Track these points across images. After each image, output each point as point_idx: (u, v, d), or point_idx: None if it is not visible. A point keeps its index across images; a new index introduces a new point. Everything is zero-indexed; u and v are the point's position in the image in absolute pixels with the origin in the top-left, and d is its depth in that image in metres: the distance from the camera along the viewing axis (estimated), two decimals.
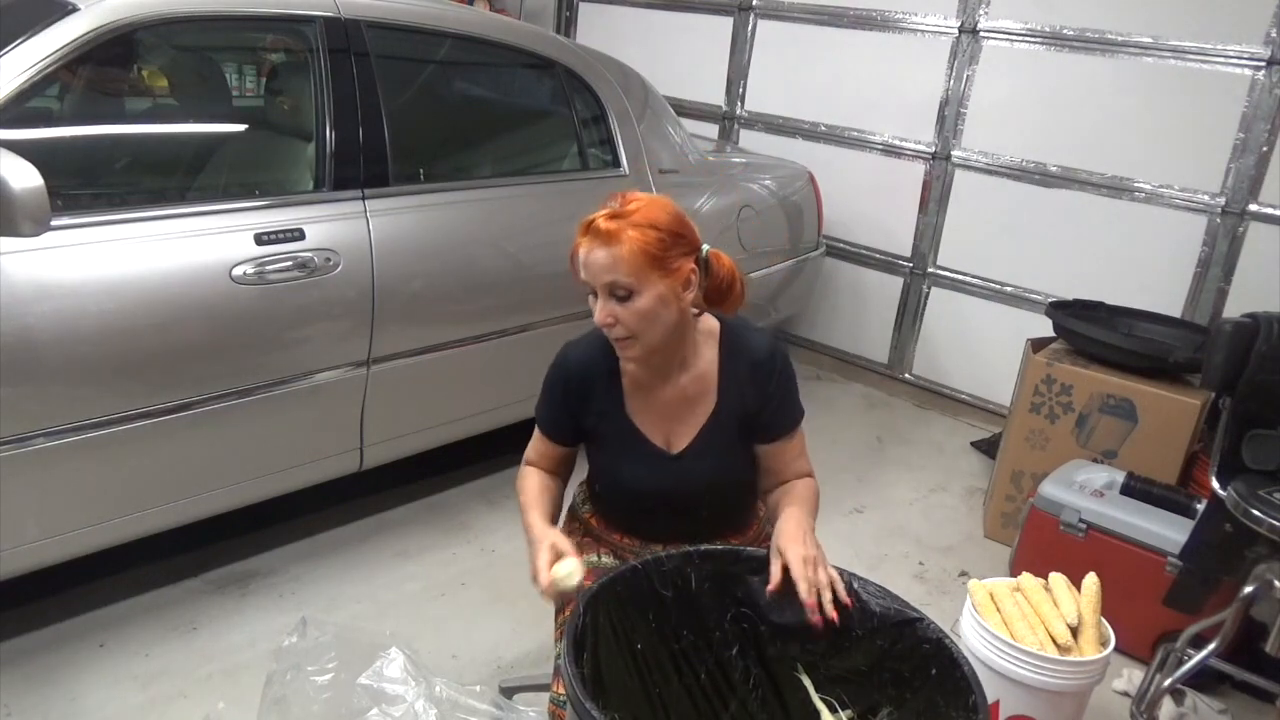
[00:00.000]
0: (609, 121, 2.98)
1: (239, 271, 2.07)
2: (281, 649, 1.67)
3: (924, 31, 3.85)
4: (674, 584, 1.44)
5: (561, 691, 1.48)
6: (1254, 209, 3.22)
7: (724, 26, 4.44)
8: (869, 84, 4.05)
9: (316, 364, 2.27)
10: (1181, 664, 2.08)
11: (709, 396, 1.59)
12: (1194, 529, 2.20)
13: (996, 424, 3.71)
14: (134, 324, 1.94)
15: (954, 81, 3.79)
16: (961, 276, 3.94)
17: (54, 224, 1.83)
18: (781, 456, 1.63)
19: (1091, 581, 1.92)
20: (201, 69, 2.49)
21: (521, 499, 1.61)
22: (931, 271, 4.03)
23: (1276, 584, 1.95)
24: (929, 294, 4.06)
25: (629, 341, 1.48)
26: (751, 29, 4.37)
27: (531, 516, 1.55)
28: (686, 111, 4.48)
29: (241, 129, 2.56)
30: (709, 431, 1.59)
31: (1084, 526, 2.43)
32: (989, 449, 3.52)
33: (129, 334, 1.94)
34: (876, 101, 4.04)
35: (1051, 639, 1.82)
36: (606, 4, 4.92)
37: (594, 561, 1.69)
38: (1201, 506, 2.25)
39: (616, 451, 1.62)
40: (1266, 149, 3.16)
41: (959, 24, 3.74)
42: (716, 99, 4.58)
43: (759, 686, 1.45)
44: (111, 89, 2.24)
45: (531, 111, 3.08)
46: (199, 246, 2.04)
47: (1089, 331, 2.87)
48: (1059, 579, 1.95)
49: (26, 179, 1.72)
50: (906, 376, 4.19)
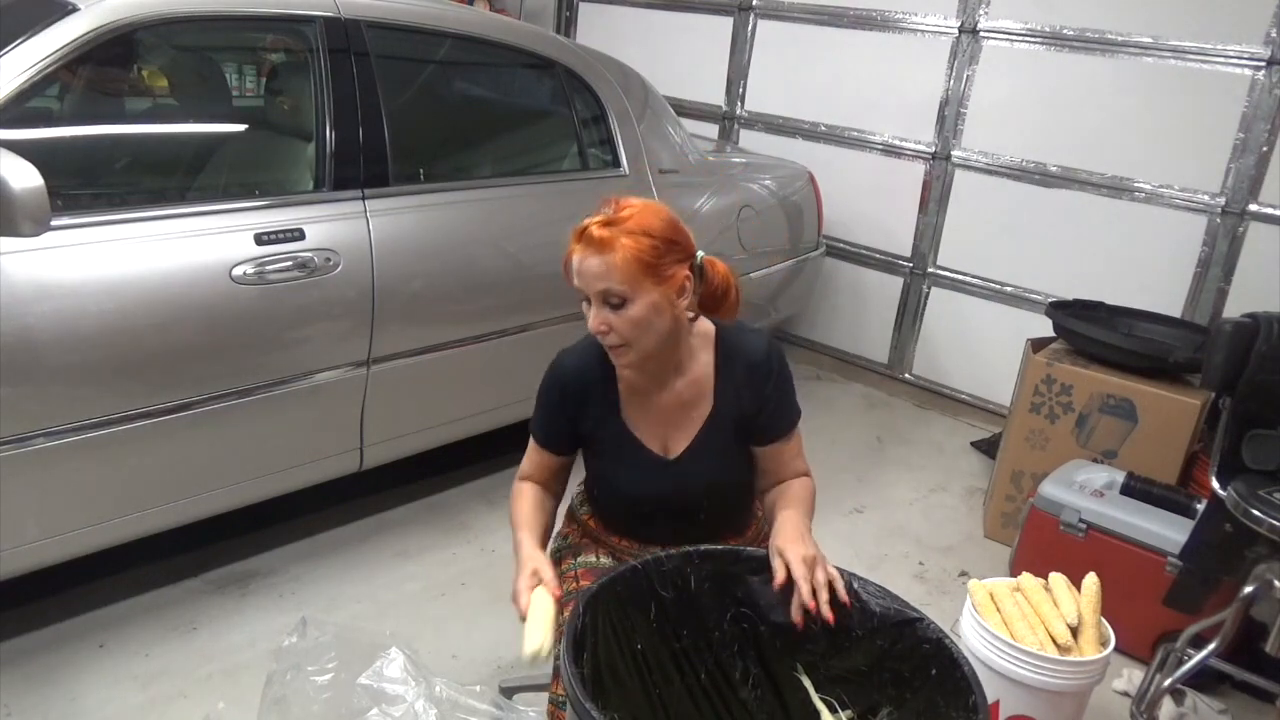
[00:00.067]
0: (609, 121, 2.98)
1: (239, 271, 2.07)
2: (281, 649, 1.67)
3: (924, 31, 3.85)
4: (674, 584, 1.44)
5: (560, 692, 1.48)
6: (1254, 209, 3.22)
7: (724, 26, 4.44)
8: (869, 84, 4.05)
9: (316, 364, 2.27)
10: (1181, 664, 2.08)
11: (705, 400, 1.58)
12: (1194, 529, 2.20)
13: (996, 424, 3.71)
14: (134, 324, 1.94)
15: (954, 81, 3.79)
16: (961, 276, 3.95)
17: (54, 224, 1.83)
18: (779, 457, 1.63)
19: (1091, 581, 1.92)
20: (201, 69, 2.49)
21: (513, 516, 1.60)
22: (931, 271, 4.03)
23: (1276, 584, 1.95)
24: (929, 294, 4.06)
25: (623, 349, 1.48)
26: (751, 29, 4.37)
27: (520, 535, 1.55)
28: (686, 111, 4.48)
29: (241, 129, 2.56)
30: (706, 435, 1.58)
31: (1084, 526, 2.43)
32: (989, 449, 3.52)
33: (129, 334, 1.94)
34: (876, 101, 4.04)
35: (1051, 639, 1.81)
36: (606, 4, 4.92)
37: (593, 562, 1.69)
38: (1201, 506, 2.25)
39: (614, 458, 1.61)
40: (1266, 149, 3.16)
41: (959, 24, 3.74)
42: (716, 99, 4.58)
43: (759, 686, 1.45)
44: (111, 89, 2.24)
45: (531, 111, 3.08)
46: (199, 246, 2.04)
47: (1089, 331, 2.87)
48: (1059, 579, 1.95)
49: (26, 179, 1.72)
50: (906, 376, 4.19)
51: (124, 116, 2.31)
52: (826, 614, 1.37)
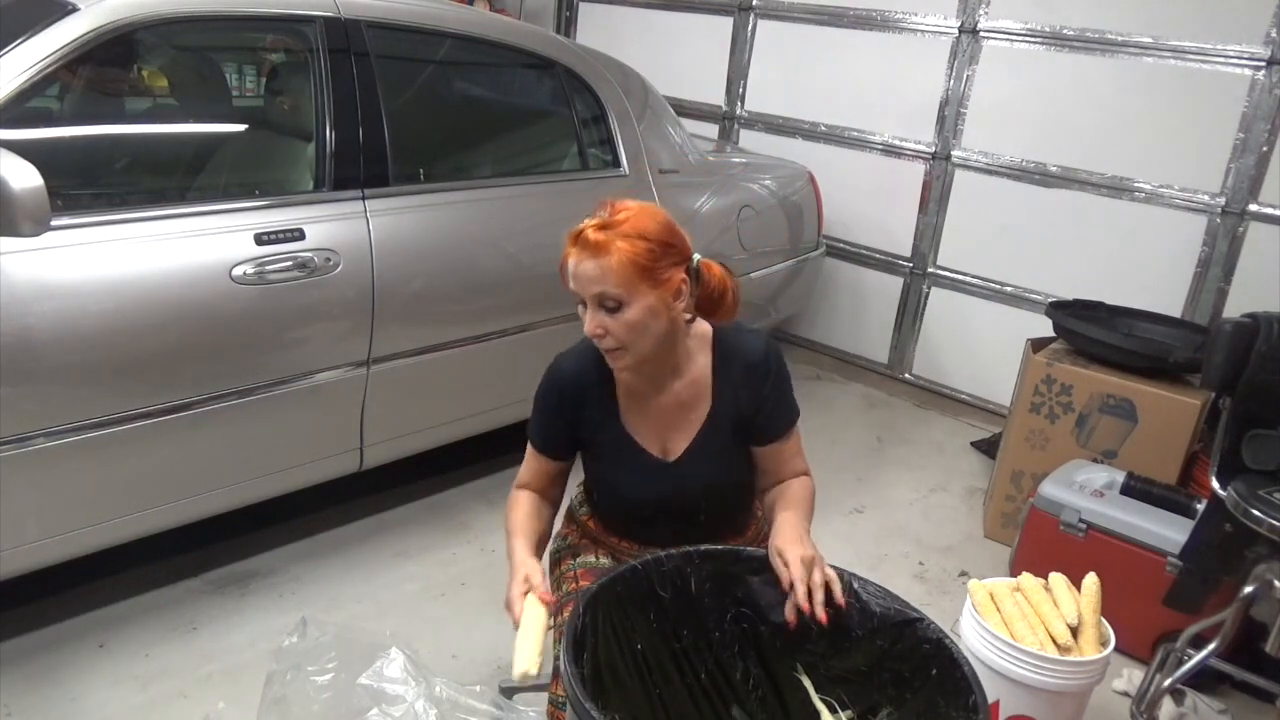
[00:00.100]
0: (609, 121, 2.98)
1: (239, 271, 2.07)
2: (281, 649, 1.67)
3: (924, 31, 3.85)
4: (674, 584, 1.44)
5: (560, 693, 1.48)
6: (1254, 209, 3.22)
7: (724, 26, 4.44)
8: (869, 84, 4.05)
9: (316, 364, 2.26)
10: (1181, 664, 2.07)
11: (704, 401, 1.58)
12: (1194, 529, 2.20)
13: (996, 424, 3.71)
14: (134, 324, 1.94)
15: (954, 81, 3.79)
16: (961, 276, 3.95)
17: (54, 224, 1.83)
18: (778, 457, 1.63)
19: (1091, 581, 1.92)
20: (201, 69, 2.49)
21: (508, 523, 1.59)
22: (931, 271, 4.03)
23: (1276, 584, 1.95)
24: (929, 294, 4.06)
25: (619, 352, 1.47)
26: (751, 29, 4.37)
27: (514, 542, 1.54)
28: (686, 111, 4.48)
29: (241, 129, 2.56)
30: (705, 437, 1.58)
31: (1084, 526, 2.43)
32: (989, 449, 3.52)
33: (129, 334, 1.94)
34: (876, 101, 4.04)
35: (1051, 639, 1.81)
36: (606, 4, 4.92)
37: (592, 563, 1.69)
38: (1201, 506, 2.25)
39: (613, 462, 1.61)
40: (1266, 149, 3.16)
41: (959, 24, 3.74)
42: (716, 99, 4.58)
43: (759, 687, 1.45)
44: (111, 89, 2.24)
45: (531, 111, 3.08)
46: (199, 246, 2.04)
47: (1089, 331, 2.87)
48: (1059, 579, 1.95)
49: (26, 179, 1.72)
50: (906, 376, 4.19)
51: (124, 116, 2.31)
52: (820, 615, 1.37)
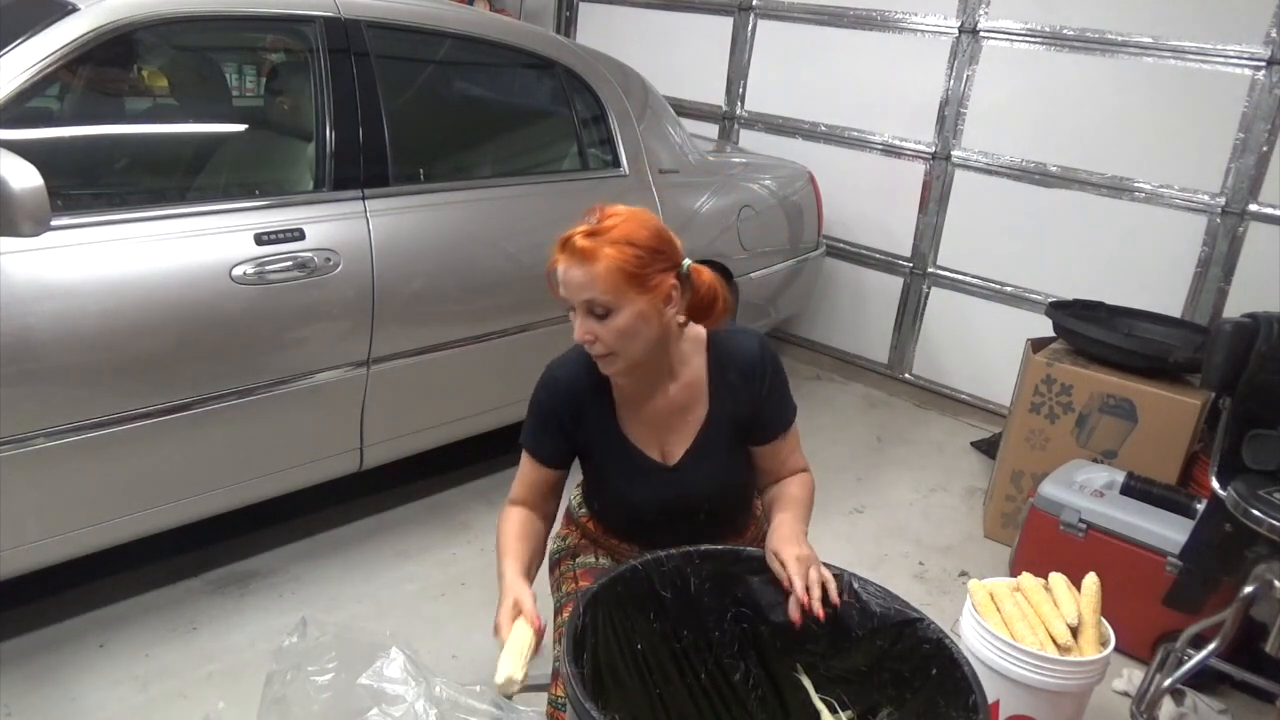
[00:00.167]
0: (609, 121, 2.98)
1: (239, 271, 2.07)
2: (281, 649, 1.67)
3: (924, 31, 3.85)
4: (674, 584, 1.44)
5: (560, 694, 1.48)
6: (1254, 209, 3.22)
7: (724, 26, 4.44)
8: (869, 84, 4.05)
9: (316, 364, 2.27)
10: (1181, 664, 2.08)
11: (700, 404, 1.58)
12: (1194, 529, 2.20)
13: (996, 424, 3.71)
14: (134, 324, 1.94)
15: (954, 81, 3.79)
16: (961, 276, 3.95)
17: (54, 224, 1.83)
18: (777, 456, 1.63)
19: (1091, 581, 1.92)
20: (201, 69, 2.49)
21: (499, 542, 1.55)
22: (931, 271, 4.03)
23: (1276, 584, 1.95)
24: (929, 294, 4.06)
25: (610, 358, 1.47)
26: (751, 29, 4.37)
27: (505, 563, 1.49)
28: (686, 111, 4.48)
29: (241, 129, 2.56)
30: (704, 440, 1.58)
31: (1084, 526, 2.43)
32: (989, 449, 3.52)
33: (129, 334, 1.94)
34: (876, 101, 4.04)
35: (1051, 639, 1.81)
36: (606, 4, 4.92)
37: (592, 563, 1.69)
38: (1201, 506, 2.25)
39: (613, 468, 1.60)
40: (1266, 149, 3.16)
41: (959, 24, 3.74)
42: (716, 99, 4.58)
43: (759, 687, 1.45)
44: (111, 89, 2.24)
45: (531, 111, 3.08)
46: (199, 246, 2.04)
47: (1089, 331, 2.87)
48: (1059, 579, 1.95)
49: (26, 179, 1.72)
50: (906, 376, 4.19)
51: (124, 116, 2.31)
52: (818, 610, 1.36)
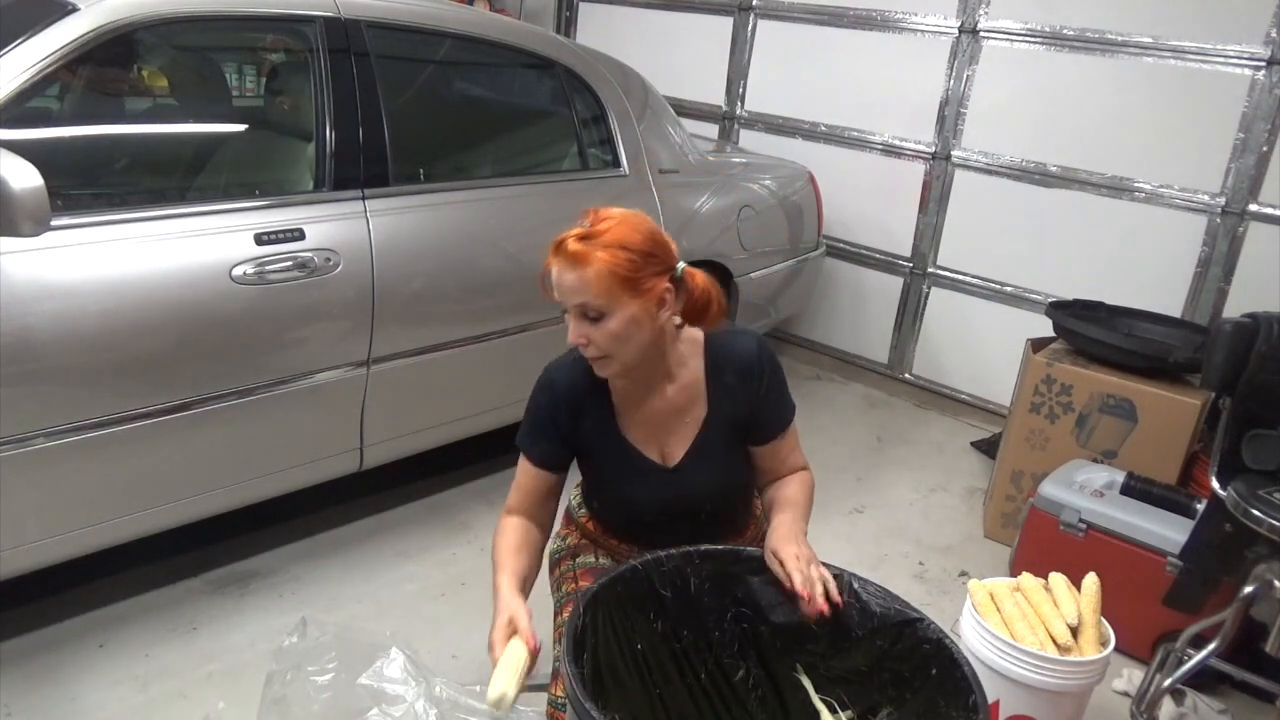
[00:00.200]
0: (609, 121, 2.98)
1: (239, 271, 2.07)
2: (281, 649, 1.67)
3: (924, 31, 3.85)
4: (674, 584, 1.44)
5: (559, 694, 1.48)
6: (1254, 209, 3.22)
7: (724, 26, 4.44)
8: (869, 84, 4.05)
9: (316, 364, 2.27)
10: (1181, 664, 2.08)
11: (699, 405, 1.57)
12: (1194, 529, 2.20)
13: (996, 424, 3.71)
14: (134, 324, 1.94)
15: (954, 81, 3.79)
16: (961, 276, 3.94)
17: (54, 224, 1.83)
18: (776, 455, 1.63)
19: (1091, 581, 1.92)
20: (201, 69, 2.49)
21: (495, 554, 1.53)
22: (931, 271, 4.03)
23: (1276, 584, 1.95)
24: (929, 294, 4.06)
25: (604, 361, 1.47)
26: (751, 29, 4.37)
27: (500, 577, 1.47)
28: (686, 111, 4.48)
29: (241, 129, 2.56)
30: (703, 441, 1.57)
31: (1084, 526, 2.43)
32: (989, 449, 3.52)
33: (129, 334, 1.94)
34: (876, 101, 4.04)
35: (1051, 639, 1.81)
36: (606, 4, 4.92)
37: (591, 563, 1.69)
38: (1201, 506, 2.25)
39: (612, 469, 1.60)
40: (1266, 149, 3.16)
41: (959, 24, 3.74)
42: (716, 99, 4.58)
43: (759, 686, 1.45)
44: (111, 89, 2.24)
45: (531, 111, 3.08)
46: (199, 246, 2.04)
47: (1089, 331, 2.87)
48: (1059, 579, 1.95)
49: (26, 179, 1.72)
50: (906, 376, 4.19)
51: (124, 116, 2.31)
52: (821, 604, 1.36)
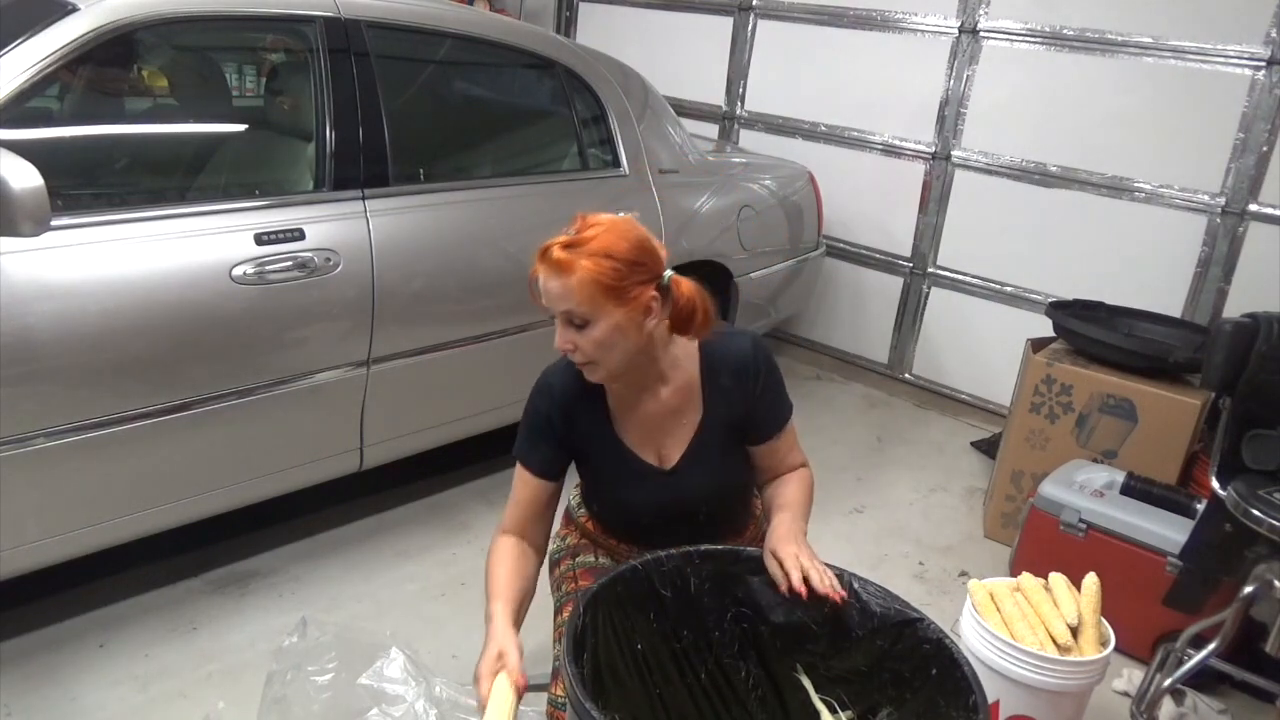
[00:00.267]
0: (609, 121, 2.98)
1: (239, 271, 2.07)
2: (281, 649, 1.67)
3: (924, 31, 3.85)
4: (674, 584, 1.44)
5: (559, 693, 1.48)
6: (1254, 209, 3.22)
7: (724, 26, 4.44)
8: (869, 84, 4.05)
9: (316, 364, 2.26)
10: (1181, 664, 2.07)
11: (695, 407, 1.57)
12: (1194, 529, 2.20)
13: (996, 424, 3.71)
14: (134, 324, 1.94)
15: (954, 81, 3.79)
16: (961, 276, 3.94)
17: (54, 224, 1.83)
18: (775, 454, 1.62)
19: (1091, 581, 1.92)
20: (201, 69, 2.49)
21: (489, 579, 1.50)
22: (931, 271, 4.03)
23: (1276, 584, 1.95)
24: (929, 294, 4.06)
25: (591, 366, 1.46)
26: (751, 29, 4.37)
27: (493, 606, 1.45)
28: (686, 111, 4.48)
29: (241, 129, 2.56)
30: (699, 443, 1.57)
31: (1084, 526, 2.43)
32: (989, 449, 3.52)
33: (129, 334, 1.94)
34: (876, 101, 4.04)
35: (1051, 639, 1.81)
36: (606, 4, 4.92)
37: (591, 562, 1.69)
38: (1201, 506, 2.25)
39: (609, 473, 1.60)
40: (1266, 149, 3.16)
41: (959, 24, 3.74)
42: (716, 99, 4.58)
43: (759, 687, 1.45)
44: (111, 89, 2.24)
45: (531, 111, 3.08)
46: (199, 246, 2.04)
47: (1089, 331, 2.87)
48: (1059, 579, 1.95)
49: (26, 179, 1.72)
50: (906, 376, 4.19)
51: (124, 116, 2.31)
52: (825, 590, 1.37)
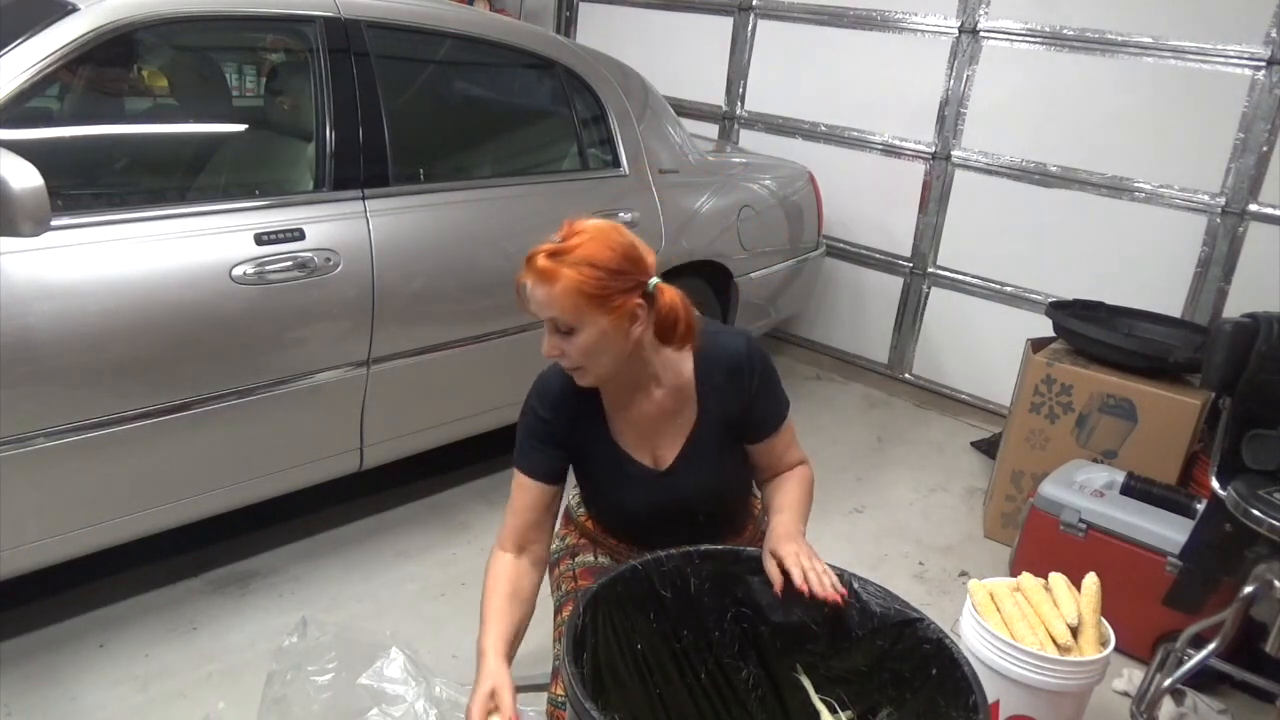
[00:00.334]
0: (609, 121, 2.98)
1: (239, 271, 2.07)
2: (281, 649, 1.67)
3: (924, 31, 3.85)
4: (674, 584, 1.44)
5: (560, 693, 1.48)
6: (1254, 209, 3.22)
7: (724, 26, 4.44)
8: (869, 84, 4.05)
9: (316, 364, 2.26)
10: (1181, 664, 2.07)
11: (690, 408, 1.56)
12: (1194, 529, 2.20)
13: (996, 424, 3.71)
14: (134, 324, 1.94)
15: (954, 81, 3.79)
16: (961, 276, 3.94)
17: (54, 224, 1.83)
18: (772, 452, 1.62)
19: (1091, 581, 1.92)
20: (201, 69, 2.49)
21: (484, 600, 1.47)
22: (931, 271, 4.02)
23: (1276, 584, 1.95)
24: (929, 294, 4.06)
25: (580, 371, 1.47)
26: (751, 29, 4.37)
27: (487, 638, 1.41)
28: (686, 111, 4.48)
29: (241, 129, 2.56)
30: (695, 443, 1.57)
31: (1084, 526, 2.43)
32: (989, 449, 3.52)
33: (129, 334, 1.94)
34: (876, 101, 4.04)
35: (1051, 639, 1.81)
36: (606, 4, 4.92)
37: (591, 562, 1.69)
38: (1201, 506, 2.25)
39: (606, 475, 1.60)
40: (1266, 149, 3.16)
41: (959, 24, 3.74)
42: (716, 99, 4.58)
43: (759, 687, 1.45)
44: (111, 89, 2.24)
45: (531, 111, 3.08)
46: (199, 246, 2.04)
47: (1089, 331, 2.87)
48: (1059, 579, 1.95)
49: (26, 179, 1.72)
50: (906, 376, 4.19)
51: (124, 116, 2.31)
52: (829, 594, 1.37)
